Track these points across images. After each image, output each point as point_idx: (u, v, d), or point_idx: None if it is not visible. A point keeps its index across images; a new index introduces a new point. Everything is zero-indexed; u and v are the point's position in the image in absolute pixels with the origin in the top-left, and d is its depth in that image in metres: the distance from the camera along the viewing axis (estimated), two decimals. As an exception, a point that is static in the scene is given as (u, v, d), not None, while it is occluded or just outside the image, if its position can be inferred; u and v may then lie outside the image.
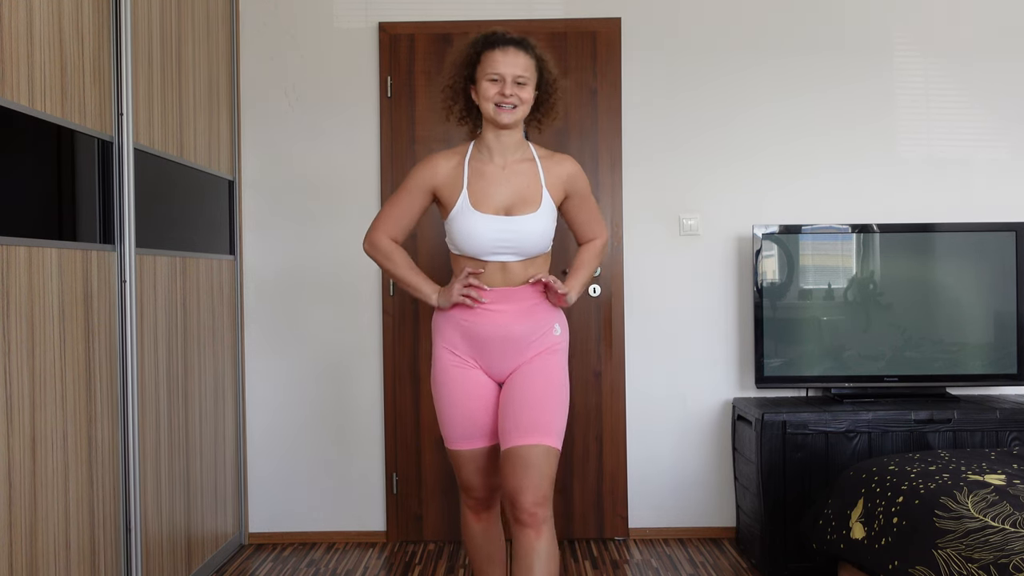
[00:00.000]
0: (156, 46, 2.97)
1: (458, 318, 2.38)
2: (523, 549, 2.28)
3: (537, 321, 2.39)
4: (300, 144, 3.79)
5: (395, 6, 3.78)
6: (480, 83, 2.35)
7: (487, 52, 2.35)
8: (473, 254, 2.35)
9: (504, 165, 2.39)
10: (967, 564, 2.18)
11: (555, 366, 2.40)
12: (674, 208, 3.77)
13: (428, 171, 2.40)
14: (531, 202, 2.37)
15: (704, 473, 3.79)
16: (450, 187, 2.38)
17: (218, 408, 3.52)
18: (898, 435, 3.27)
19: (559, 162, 2.45)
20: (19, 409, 2.19)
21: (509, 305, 2.36)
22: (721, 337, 3.78)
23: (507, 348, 2.37)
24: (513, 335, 2.36)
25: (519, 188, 2.38)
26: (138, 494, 2.76)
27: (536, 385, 2.35)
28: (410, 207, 2.43)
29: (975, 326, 3.55)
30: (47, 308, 2.32)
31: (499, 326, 2.35)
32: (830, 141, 3.77)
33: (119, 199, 2.68)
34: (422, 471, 3.77)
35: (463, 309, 2.37)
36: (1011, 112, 3.76)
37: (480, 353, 2.39)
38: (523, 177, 2.39)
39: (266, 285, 3.81)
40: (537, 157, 2.43)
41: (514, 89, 2.33)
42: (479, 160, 2.40)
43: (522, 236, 2.33)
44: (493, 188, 2.37)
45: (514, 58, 2.34)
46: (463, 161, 2.40)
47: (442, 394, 2.41)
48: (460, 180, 2.38)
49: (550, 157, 2.46)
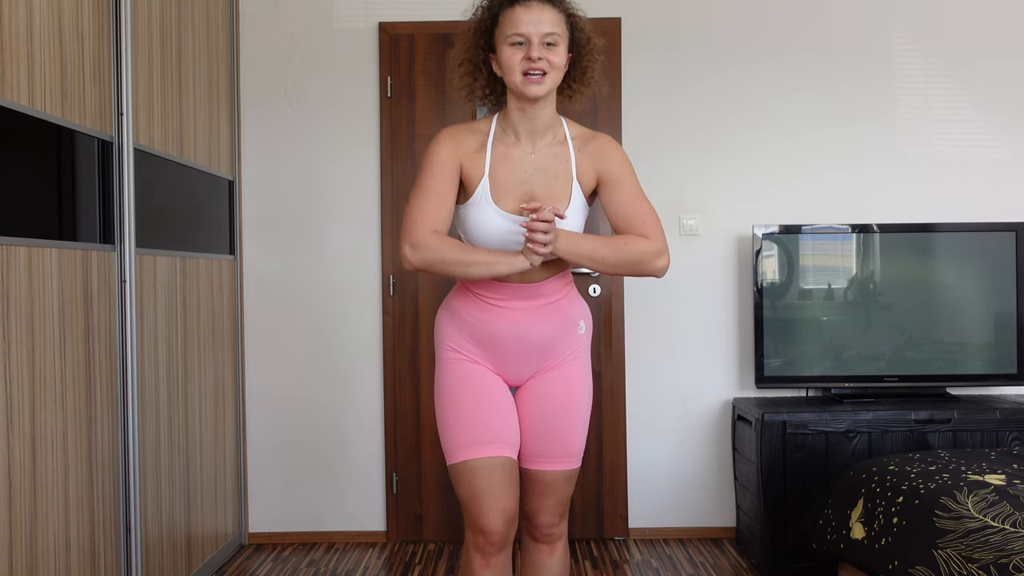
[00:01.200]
0: (156, 46, 2.97)
1: (468, 318, 2.05)
2: (535, 564, 2.15)
3: (558, 320, 2.06)
4: (300, 144, 3.79)
5: (395, 6, 3.78)
6: (501, 49, 1.97)
7: (506, 11, 1.97)
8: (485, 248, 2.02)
9: (533, 150, 2.03)
10: (967, 564, 2.18)
11: (579, 376, 2.09)
12: (674, 208, 3.77)
13: (453, 143, 2.02)
14: (558, 200, 2.01)
15: (704, 473, 3.79)
16: (471, 169, 2.01)
17: (218, 408, 3.52)
18: (898, 435, 3.27)
19: (595, 144, 2.05)
20: (19, 409, 2.19)
21: (525, 302, 2.02)
22: (721, 337, 3.78)
23: (524, 351, 2.04)
24: (530, 336, 2.03)
25: (546, 182, 2.01)
26: (138, 494, 2.76)
27: (558, 405, 2.06)
28: (446, 187, 1.98)
29: (975, 326, 3.55)
30: (47, 308, 2.32)
31: (514, 324, 2.02)
32: (830, 141, 3.77)
33: (119, 199, 2.68)
34: (422, 471, 3.77)
35: (473, 306, 2.05)
36: (1011, 112, 3.76)
37: (493, 356, 2.06)
38: (552, 168, 2.02)
39: (266, 285, 3.80)
40: (570, 138, 2.06)
41: (542, 52, 1.94)
42: (504, 142, 2.03)
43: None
44: (517, 179, 2.01)
45: (538, 14, 1.94)
46: (486, 141, 2.03)
47: (449, 394, 2.04)
48: (482, 164, 2.00)
49: (588, 140, 2.06)
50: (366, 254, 3.79)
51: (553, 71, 1.96)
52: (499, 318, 2.03)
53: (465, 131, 2.05)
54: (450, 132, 2.05)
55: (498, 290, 2.03)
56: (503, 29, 1.97)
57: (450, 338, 2.08)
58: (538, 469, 2.07)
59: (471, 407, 2.01)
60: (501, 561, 2.03)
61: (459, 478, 2.00)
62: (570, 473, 2.09)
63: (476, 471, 1.97)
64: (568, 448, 2.07)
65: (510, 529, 2.01)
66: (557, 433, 2.06)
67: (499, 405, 2.03)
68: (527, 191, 2.01)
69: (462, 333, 2.07)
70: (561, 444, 2.06)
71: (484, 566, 2.01)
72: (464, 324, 2.07)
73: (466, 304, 2.07)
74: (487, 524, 1.98)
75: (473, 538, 2.02)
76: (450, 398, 2.04)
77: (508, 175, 2.01)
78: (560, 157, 2.04)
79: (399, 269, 3.77)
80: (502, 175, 2.01)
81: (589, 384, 2.12)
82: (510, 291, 2.03)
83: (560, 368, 2.08)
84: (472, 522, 2.01)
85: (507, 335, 2.03)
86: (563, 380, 2.07)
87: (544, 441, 2.05)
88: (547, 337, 2.05)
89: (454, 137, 2.03)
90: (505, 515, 1.99)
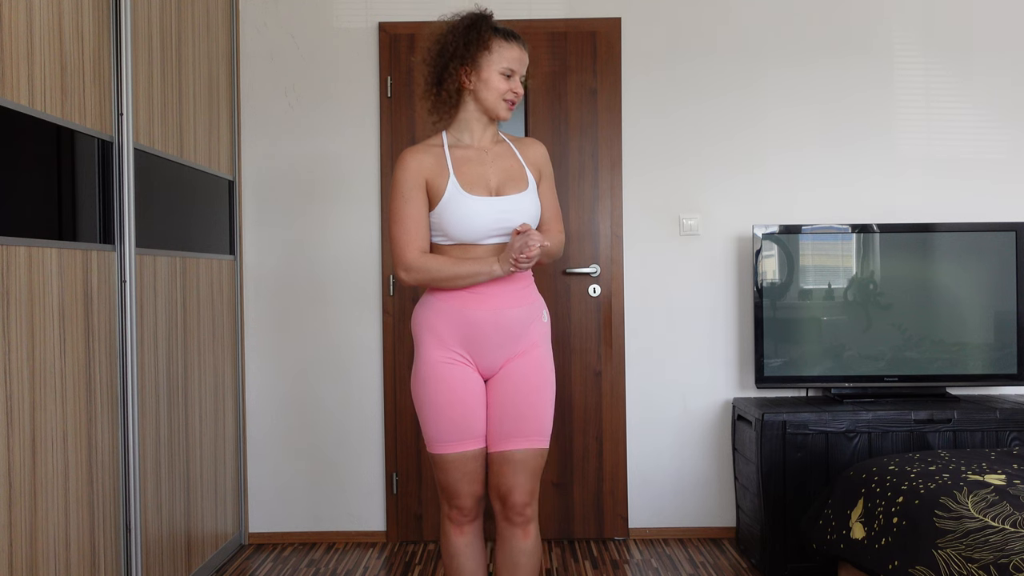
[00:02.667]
0: (156, 46, 2.97)
1: (449, 303, 2.28)
2: (510, 547, 2.35)
3: (527, 305, 2.32)
4: (300, 144, 3.79)
5: (395, 6, 3.78)
6: (487, 71, 2.28)
7: (499, 40, 2.29)
8: (470, 240, 2.27)
9: (484, 148, 2.35)
10: (967, 564, 2.18)
11: (544, 361, 2.35)
12: (674, 208, 3.77)
13: (414, 164, 2.28)
14: (519, 180, 2.33)
15: (704, 473, 3.79)
16: (437, 176, 2.28)
17: (218, 408, 3.52)
18: (898, 435, 3.27)
19: (530, 144, 2.42)
20: (19, 409, 2.19)
21: (502, 286, 2.28)
22: (721, 337, 3.78)
23: (500, 336, 2.28)
24: (506, 321, 2.28)
25: (505, 168, 2.33)
26: (138, 494, 2.76)
27: (528, 386, 2.30)
28: (419, 210, 2.28)
29: (975, 326, 3.55)
30: (47, 308, 2.32)
31: (493, 310, 2.27)
32: (830, 140, 3.77)
33: (119, 199, 2.68)
34: (422, 471, 3.77)
35: (454, 294, 2.28)
36: (1011, 112, 3.76)
37: (471, 343, 2.29)
38: (504, 159, 2.35)
39: (266, 285, 3.81)
40: (506, 139, 2.41)
41: (519, 86, 2.33)
42: (458, 146, 2.34)
43: (518, 216, 2.28)
44: (480, 170, 2.30)
45: (522, 54, 2.32)
46: (443, 152, 2.32)
47: (430, 393, 2.29)
48: (445, 167, 2.29)
49: (519, 141, 2.43)
50: (366, 254, 3.79)
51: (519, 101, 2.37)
52: (478, 302, 2.28)
53: (422, 150, 2.33)
54: (409, 153, 2.32)
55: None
56: (494, 56, 2.29)
57: (433, 331, 2.31)
58: (511, 449, 2.29)
59: (448, 405, 2.28)
60: (473, 529, 2.39)
61: (438, 466, 2.34)
62: (540, 451, 2.33)
63: (454, 463, 2.31)
64: (538, 427, 2.32)
65: (479, 505, 2.38)
66: (527, 412, 2.30)
67: (473, 403, 2.31)
68: (491, 176, 2.32)
69: (445, 323, 2.30)
70: (532, 423, 2.31)
71: (459, 533, 2.38)
72: (446, 312, 2.30)
73: (449, 294, 2.30)
74: (461, 503, 2.34)
75: (447, 509, 2.37)
76: (430, 395, 2.30)
77: (470, 169, 2.31)
78: (506, 152, 2.38)
79: (399, 269, 3.77)
80: (466, 170, 2.30)
81: (552, 370, 2.39)
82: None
83: (526, 355, 2.33)
84: (448, 501, 2.36)
85: (486, 320, 2.28)
86: (530, 365, 2.33)
87: (515, 420, 2.30)
88: (520, 321, 2.31)
89: (414, 157, 2.30)
90: (475, 496, 2.35)
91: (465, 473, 2.31)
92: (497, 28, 2.32)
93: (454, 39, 2.30)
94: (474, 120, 2.34)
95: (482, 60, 2.29)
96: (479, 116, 2.34)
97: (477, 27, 2.29)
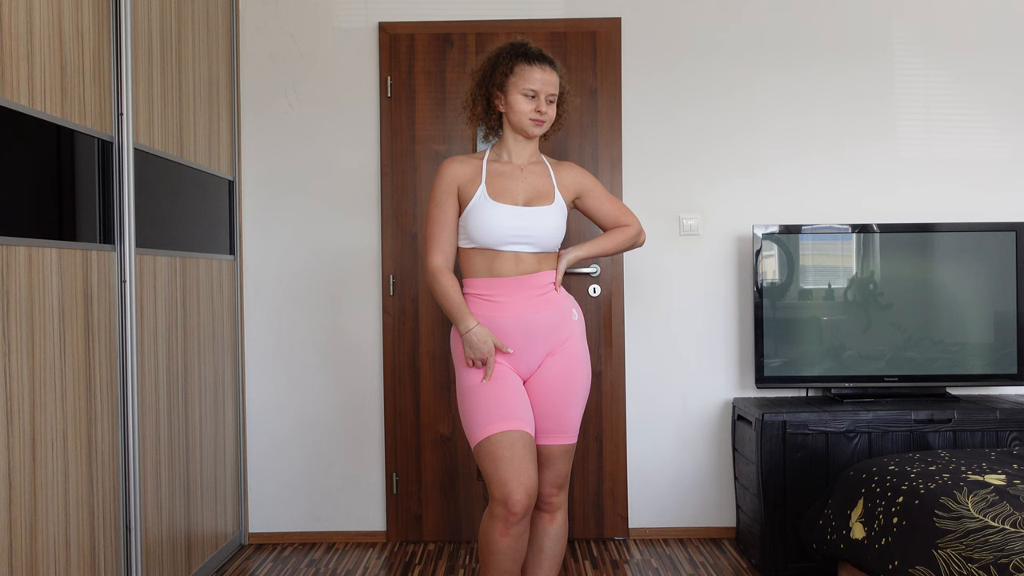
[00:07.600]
0: (156, 46, 2.97)
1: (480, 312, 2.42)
2: (535, 529, 2.48)
3: (553, 308, 2.44)
4: (300, 144, 3.79)
5: (395, 6, 3.78)
6: (512, 94, 2.45)
7: (522, 64, 2.45)
8: (489, 244, 2.41)
9: (522, 166, 2.51)
10: (967, 564, 2.18)
11: (580, 356, 2.46)
12: (674, 208, 3.77)
13: (450, 172, 2.48)
14: (546, 196, 2.48)
15: (704, 473, 3.79)
16: (469, 184, 2.46)
17: (218, 408, 3.52)
18: (898, 435, 3.27)
19: (567, 168, 2.59)
20: (19, 409, 2.19)
21: (522, 293, 2.41)
22: (721, 337, 3.78)
23: (530, 339, 2.41)
24: (534, 325, 2.41)
25: (535, 184, 2.49)
26: (138, 494, 2.76)
27: (561, 383, 2.43)
28: (448, 215, 2.47)
29: (975, 326, 3.55)
30: (47, 308, 2.32)
31: (518, 317, 2.40)
32: (830, 140, 3.77)
33: (119, 199, 2.68)
34: (422, 471, 3.77)
35: (481, 305, 2.42)
36: (1011, 112, 3.77)
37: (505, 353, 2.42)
38: (538, 176, 2.51)
39: (266, 285, 3.81)
40: (547, 162, 2.58)
41: (546, 106, 2.46)
42: (497, 162, 2.52)
43: (538, 227, 2.42)
44: (510, 183, 2.47)
45: (549, 76, 2.45)
46: (482, 163, 2.50)
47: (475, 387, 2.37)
48: (479, 177, 2.46)
49: (558, 164, 2.59)
50: (366, 254, 3.79)
51: (548, 120, 2.50)
52: (504, 312, 2.40)
53: (461, 160, 2.52)
54: (448, 162, 2.51)
55: (497, 287, 2.42)
56: (518, 79, 2.44)
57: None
58: (543, 444, 2.42)
59: (491, 394, 2.34)
60: (519, 531, 2.29)
61: (484, 453, 2.29)
62: (568, 447, 2.45)
63: (500, 443, 2.27)
64: (566, 425, 2.44)
65: (531, 501, 2.27)
66: (556, 411, 2.42)
67: (517, 391, 2.38)
68: (520, 189, 2.47)
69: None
70: (560, 422, 2.43)
71: (504, 534, 2.28)
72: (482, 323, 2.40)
73: (477, 305, 2.43)
74: (511, 494, 2.24)
75: (496, 508, 2.27)
76: (473, 390, 2.37)
77: (501, 181, 2.47)
78: (541, 171, 2.54)
79: (399, 269, 3.77)
80: (497, 182, 2.47)
81: (587, 365, 2.49)
82: (506, 285, 2.42)
83: (559, 352, 2.45)
84: (496, 493, 2.26)
85: (514, 328, 2.40)
86: (563, 362, 2.44)
87: (545, 419, 2.41)
88: (548, 323, 2.43)
89: (451, 166, 2.49)
90: (526, 488, 2.25)
91: (514, 454, 2.25)
92: (523, 53, 2.46)
93: (488, 67, 2.50)
94: (511, 139, 2.53)
95: (508, 84, 2.46)
96: (515, 136, 2.52)
97: (504, 53, 2.47)
